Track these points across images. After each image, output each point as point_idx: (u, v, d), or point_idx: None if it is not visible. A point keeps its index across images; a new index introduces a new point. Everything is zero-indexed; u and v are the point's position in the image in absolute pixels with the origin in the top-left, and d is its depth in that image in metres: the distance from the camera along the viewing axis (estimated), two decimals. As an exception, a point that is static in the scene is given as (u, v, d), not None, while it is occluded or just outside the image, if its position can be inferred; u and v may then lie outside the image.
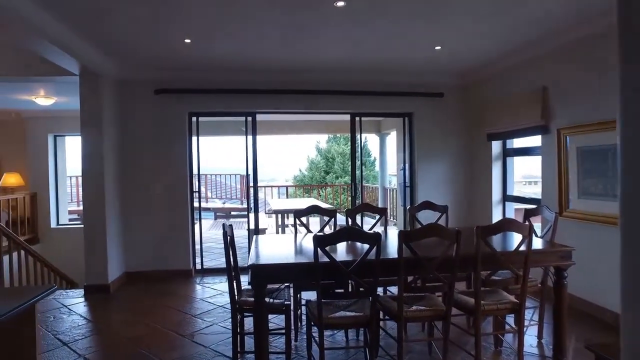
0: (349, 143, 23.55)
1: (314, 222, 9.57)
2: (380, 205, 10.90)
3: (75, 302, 4.71)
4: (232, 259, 3.05)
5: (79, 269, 5.37)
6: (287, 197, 13.08)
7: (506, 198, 5.65)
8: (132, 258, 5.51)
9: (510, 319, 3.40)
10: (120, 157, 5.42)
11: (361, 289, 3.03)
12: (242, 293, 3.20)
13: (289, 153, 23.99)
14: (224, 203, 13.13)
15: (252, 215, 6.05)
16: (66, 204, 8.71)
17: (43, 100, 6.71)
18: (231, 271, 3.05)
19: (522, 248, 2.69)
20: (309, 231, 4.00)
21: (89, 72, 4.76)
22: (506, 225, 2.77)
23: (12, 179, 8.28)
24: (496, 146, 5.68)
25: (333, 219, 3.99)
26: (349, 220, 4.02)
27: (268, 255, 2.91)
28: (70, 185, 10.41)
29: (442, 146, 6.15)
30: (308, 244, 3.43)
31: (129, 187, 5.48)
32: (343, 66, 5.42)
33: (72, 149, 8.80)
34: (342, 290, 3.24)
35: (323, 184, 20.82)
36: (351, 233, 2.53)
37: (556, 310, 2.79)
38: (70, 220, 8.62)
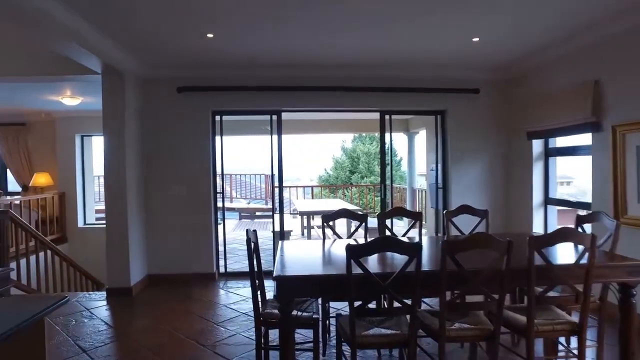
0: (374, 142, 23.29)
1: (341, 224, 9.31)
2: (408, 207, 10.54)
3: (98, 305, 4.61)
4: (255, 269, 2.83)
5: (105, 269, 5.29)
6: (312, 198, 12.86)
7: (548, 201, 5.24)
8: (154, 260, 5.39)
9: (561, 339, 3.05)
10: (143, 156, 5.31)
11: (396, 305, 2.75)
12: (267, 304, 2.98)
13: (313, 152, 23.76)
14: (248, 203, 13.03)
15: (277, 216, 5.84)
16: (93, 204, 8.75)
17: (69, 100, 6.70)
18: (255, 280, 2.83)
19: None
20: (338, 237, 3.74)
21: (112, 70, 4.65)
22: (563, 235, 2.44)
23: (42, 179, 8.37)
24: (537, 145, 5.28)
25: (364, 224, 3.71)
26: (381, 224, 3.74)
27: (294, 265, 2.67)
28: (98, 185, 10.49)
29: (478, 145, 5.78)
30: (337, 251, 3.19)
31: (151, 187, 5.36)
32: (372, 62, 5.14)
33: (99, 148, 8.82)
34: (375, 306, 2.96)
35: (348, 184, 20.55)
36: (389, 243, 2.26)
37: (623, 332, 2.44)
38: (97, 219, 8.64)
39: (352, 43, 4.41)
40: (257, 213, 12.08)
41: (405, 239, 3.57)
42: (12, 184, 9.15)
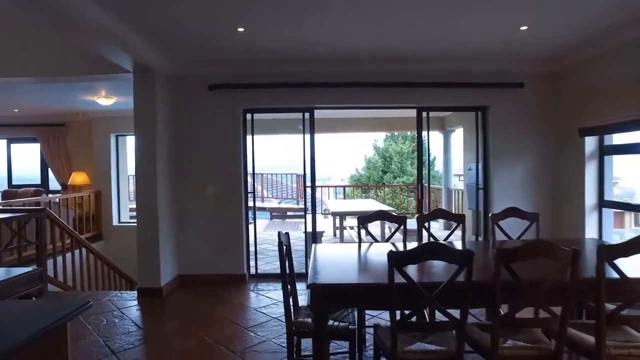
0: (407, 141, 22.77)
1: (374, 225, 9.08)
2: (443, 208, 10.16)
3: (129, 305, 4.57)
4: (287, 274, 2.65)
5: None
6: (344, 198, 12.64)
7: (603, 204, 4.82)
8: (185, 260, 5.32)
9: None
10: (174, 155, 5.25)
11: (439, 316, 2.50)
12: (299, 311, 2.79)
13: (344, 151, 23.53)
14: (279, 203, 12.94)
15: (309, 217, 5.66)
16: (127, 202, 8.87)
17: (104, 100, 6.77)
18: (287, 286, 2.65)
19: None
20: (374, 240, 3.52)
21: (143, 68, 4.60)
22: (641, 243, 2.12)
23: (79, 178, 8.54)
24: (590, 143, 4.87)
25: (402, 226, 3.47)
26: (420, 227, 3.49)
27: (329, 272, 2.46)
28: (133, 184, 10.65)
29: (522, 143, 5.40)
30: (375, 257, 2.96)
31: (182, 186, 5.30)
32: (410, 55, 4.87)
33: (133, 148, 8.94)
34: (416, 318, 2.72)
35: (380, 184, 20.20)
36: (436, 250, 2.02)
37: None
38: (131, 217, 8.74)
39: (393, 34, 4.16)
40: (289, 213, 11.98)
41: (446, 244, 3.31)
42: (54, 182, 9.40)
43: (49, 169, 9.15)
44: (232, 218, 5.33)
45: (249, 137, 5.50)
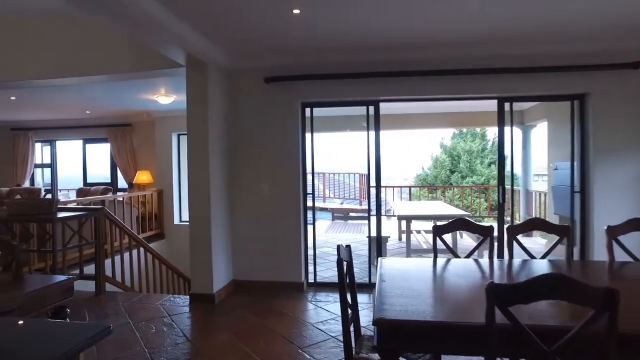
0: (477, 139, 21.35)
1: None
2: (522, 213, 9.11)
3: (180, 311, 4.32)
4: (348, 298, 2.15)
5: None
6: (410, 199, 11.90)
7: None
8: (239, 265, 5.01)
9: None
10: (228, 152, 4.96)
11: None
12: (362, 343, 2.28)
13: (407, 150, 22.58)
14: (342, 203, 12.48)
15: (373, 219, 5.13)
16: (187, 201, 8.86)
17: (164, 98, 6.70)
18: (346, 311, 2.15)
19: None
20: (453, 254, 2.92)
21: (195, 62, 4.33)
22: None
23: (143, 177, 8.67)
24: None
25: (489, 239, 2.83)
26: (511, 241, 2.83)
27: (400, 302, 1.91)
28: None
29: (634, 137, 4.47)
30: (456, 278, 2.37)
31: (236, 185, 4.99)
32: (491, 36, 4.17)
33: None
34: None
35: (448, 184, 19.11)
36: (561, 286, 1.40)
37: None
38: (192, 217, 8.72)
39: (471, 12, 3.52)
40: (351, 214, 11.47)
41: (546, 262, 2.62)
42: (122, 181, 9.68)
43: (117, 168, 9.42)
44: (289, 220, 4.94)
45: (307, 135, 5.08)
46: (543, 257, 2.82)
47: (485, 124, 12.23)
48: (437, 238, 2.87)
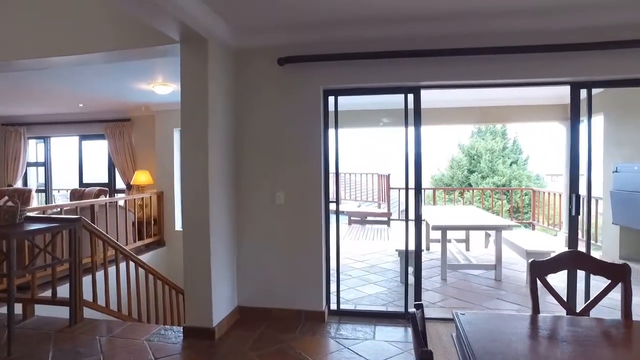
0: (497, 137, 20.32)
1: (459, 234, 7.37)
2: (564, 219, 8.05)
3: (170, 352, 3.40)
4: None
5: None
6: (434, 203, 10.89)
7: None
8: (246, 288, 4.10)
9: None
10: (232, 152, 4.05)
11: None
12: None
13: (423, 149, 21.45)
14: (359, 206, 11.52)
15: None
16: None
17: (162, 88, 5.84)
18: None
19: None
20: (563, 306, 1.95)
21: (192, 36, 3.40)
22: None
23: (142, 177, 7.81)
24: None
25: (623, 286, 1.86)
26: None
27: None
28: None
29: None
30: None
31: (243, 191, 4.08)
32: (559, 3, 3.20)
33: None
34: None
35: (466, 186, 18.12)
36: None
37: None
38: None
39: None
40: (369, 218, 10.51)
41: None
42: (121, 181, 8.85)
43: (115, 167, 8.58)
44: (308, 234, 4.02)
45: (331, 130, 4.14)
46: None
47: (508, 120, 10.88)
48: (538, 280, 1.91)
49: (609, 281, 1.90)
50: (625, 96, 5.93)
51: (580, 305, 2.43)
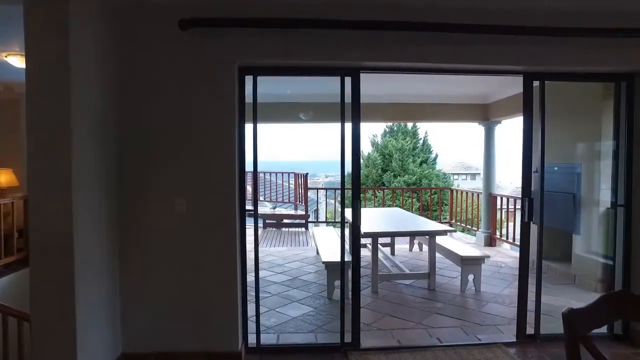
0: (408, 137, 20.93)
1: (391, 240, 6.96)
2: (483, 219, 8.03)
3: None
4: None
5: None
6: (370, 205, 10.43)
7: None
8: (135, 329, 3.05)
9: None
10: (114, 144, 2.97)
11: None
12: None
13: (329, 145, 21.52)
14: (274, 208, 10.67)
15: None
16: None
17: (19, 60, 4.43)
18: None
19: None
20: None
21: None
22: None
23: (2, 178, 6.14)
24: None
25: None
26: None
27: None
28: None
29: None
30: None
31: (129, 199, 3.02)
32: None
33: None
34: None
35: (379, 185, 18.31)
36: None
37: None
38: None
39: None
40: (285, 221, 9.71)
41: None
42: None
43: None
44: (219, 252, 3.09)
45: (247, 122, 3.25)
46: None
47: (426, 118, 10.79)
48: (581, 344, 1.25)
49: None
50: (550, 96, 5.89)
51: None
